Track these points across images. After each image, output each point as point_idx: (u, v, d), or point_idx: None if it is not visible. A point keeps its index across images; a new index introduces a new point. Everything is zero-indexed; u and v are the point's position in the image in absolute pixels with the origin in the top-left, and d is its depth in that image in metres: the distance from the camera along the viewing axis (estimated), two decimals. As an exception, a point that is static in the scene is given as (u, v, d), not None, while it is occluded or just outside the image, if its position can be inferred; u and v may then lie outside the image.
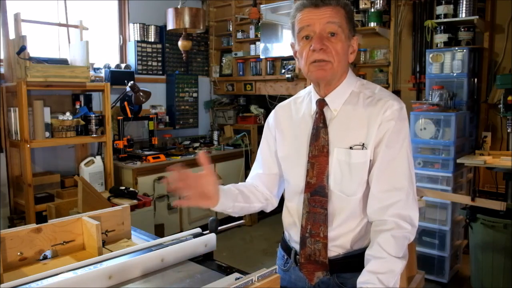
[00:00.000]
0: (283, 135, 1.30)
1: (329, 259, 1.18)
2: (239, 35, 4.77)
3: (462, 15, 3.22)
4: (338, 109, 1.19)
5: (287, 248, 1.31)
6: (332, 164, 1.16)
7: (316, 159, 1.18)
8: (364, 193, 1.16)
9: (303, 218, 1.20)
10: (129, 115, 3.84)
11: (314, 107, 1.22)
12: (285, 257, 1.32)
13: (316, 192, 1.18)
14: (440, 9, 3.30)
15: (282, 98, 1.42)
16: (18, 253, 1.29)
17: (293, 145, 1.26)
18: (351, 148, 1.14)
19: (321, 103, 1.20)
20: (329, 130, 1.18)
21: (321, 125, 1.19)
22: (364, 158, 1.13)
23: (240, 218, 2.13)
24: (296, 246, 1.25)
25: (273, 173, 1.35)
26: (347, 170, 1.15)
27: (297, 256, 1.24)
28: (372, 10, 3.68)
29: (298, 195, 1.23)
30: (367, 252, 1.10)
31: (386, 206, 1.11)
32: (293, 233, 1.27)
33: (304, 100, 1.29)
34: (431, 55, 3.24)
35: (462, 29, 3.32)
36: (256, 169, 1.38)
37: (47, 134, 3.15)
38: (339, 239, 1.18)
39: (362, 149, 1.13)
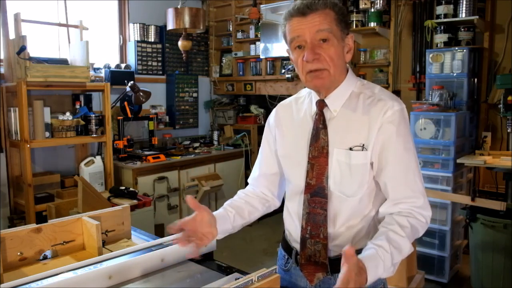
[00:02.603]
0: (283, 134, 1.30)
1: (330, 259, 1.18)
2: (239, 35, 4.77)
3: (462, 15, 3.22)
4: (337, 109, 1.18)
5: (288, 248, 1.31)
6: (332, 165, 1.16)
7: (316, 160, 1.17)
8: (364, 193, 1.16)
9: (303, 219, 1.20)
10: (129, 115, 3.84)
11: (314, 107, 1.22)
12: (286, 256, 1.32)
13: (316, 193, 1.18)
14: (440, 9, 3.30)
15: (282, 98, 1.41)
16: (18, 253, 1.29)
17: (293, 145, 1.25)
18: (351, 149, 1.14)
19: (321, 104, 1.20)
20: (328, 130, 1.17)
21: (320, 126, 1.18)
22: (364, 159, 1.13)
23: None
24: (296, 245, 1.25)
25: (273, 173, 1.35)
26: (347, 171, 1.15)
27: (298, 256, 1.24)
28: (372, 10, 3.68)
29: (298, 196, 1.23)
30: (381, 230, 1.09)
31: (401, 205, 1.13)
32: (294, 233, 1.27)
33: (305, 100, 1.28)
34: (431, 55, 3.24)
35: (462, 29, 3.32)
36: (256, 169, 1.38)
37: (47, 134, 3.15)
38: (340, 239, 1.18)
39: (362, 150, 1.13)
